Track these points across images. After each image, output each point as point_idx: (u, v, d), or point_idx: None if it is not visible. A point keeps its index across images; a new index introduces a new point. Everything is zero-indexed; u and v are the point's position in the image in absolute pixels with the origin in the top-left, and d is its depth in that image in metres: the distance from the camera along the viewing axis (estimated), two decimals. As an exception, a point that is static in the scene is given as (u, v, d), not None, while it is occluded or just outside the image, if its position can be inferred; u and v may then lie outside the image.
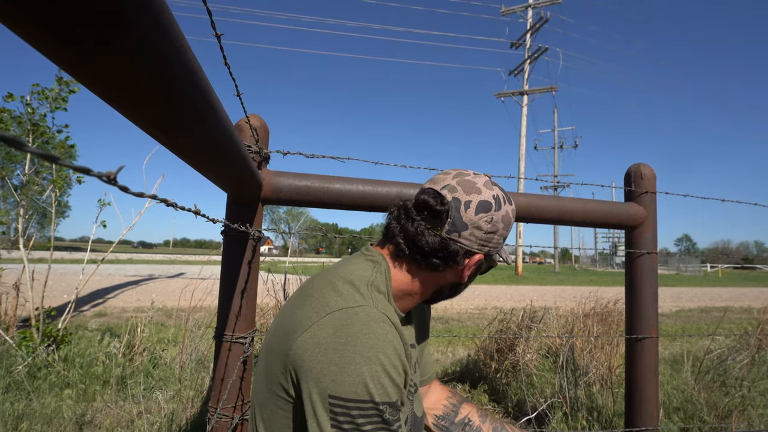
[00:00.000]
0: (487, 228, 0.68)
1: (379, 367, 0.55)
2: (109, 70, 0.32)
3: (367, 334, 0.56)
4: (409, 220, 0.69)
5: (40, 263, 4.35)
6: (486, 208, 0.68)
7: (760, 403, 2.50)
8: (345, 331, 0.56)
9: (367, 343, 0.55)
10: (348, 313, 0.58)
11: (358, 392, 0.53)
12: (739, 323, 6.37)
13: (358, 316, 0.58)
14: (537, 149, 40.47)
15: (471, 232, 0.67)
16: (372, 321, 0.57)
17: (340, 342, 0.55)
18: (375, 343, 0.56)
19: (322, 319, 0.58)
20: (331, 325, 0.57)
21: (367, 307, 0.59)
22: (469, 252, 0.69)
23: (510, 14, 24.61)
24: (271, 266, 3.44)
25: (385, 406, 0.55)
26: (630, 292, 1.64)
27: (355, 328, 0.56)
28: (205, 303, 3.81)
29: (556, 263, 35.93)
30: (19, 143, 0.19)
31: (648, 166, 1.66)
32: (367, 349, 0.55)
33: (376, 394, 0.54)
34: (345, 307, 0.59)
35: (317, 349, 0.56)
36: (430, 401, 0.96)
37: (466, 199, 0.67)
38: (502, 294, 10.62)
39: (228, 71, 0.70)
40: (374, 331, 0.57)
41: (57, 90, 3.40)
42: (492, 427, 0.92)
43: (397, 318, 0.66)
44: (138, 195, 0.35)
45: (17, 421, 2.17)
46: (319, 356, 0.55)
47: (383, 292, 0.68)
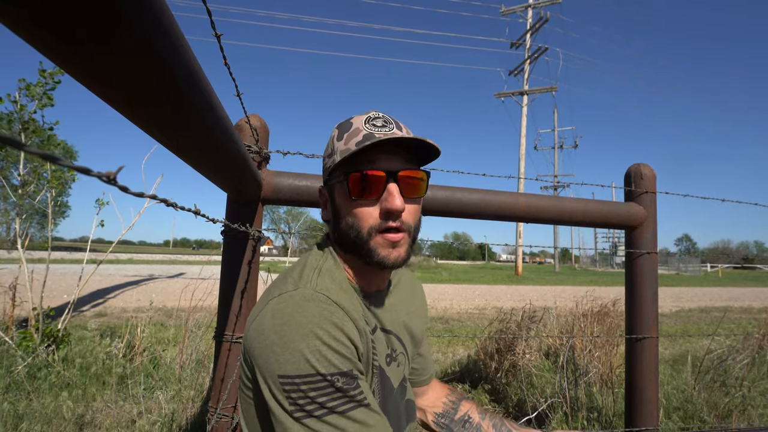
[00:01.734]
0: (328, 150, 0.72)
1: (317, 341, 0.55)
2: (109, 70, 0.32)
3: (301, 313, 0.57)
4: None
5: (40, 263, 4.35)
6: (330, 142, 0.72)
7: (760, 403, 2.50)
8: (281, 314, 0.58)
9: (301, 320, 0.56)
10: (284, 297, 0.60)
11: (302, 368, 0.54)
12: (739, 323, 6.37)
13: (293, 298, 0.59)
14: (537, 149, 40.50)
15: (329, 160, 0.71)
16: (305, 300, 0.59)
17: (278, 323, 0.57)
18: (309, 319, 0.57)
19: (265, 307, 0.60)
20: (270, 310, 0.59)
21: (302, 289, 0.61)
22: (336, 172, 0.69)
23: (510, 14, 24.61)
24: (271, 266, 3.44)
25: (335, 376, 0.55)
26: (630, 292, 1.64)
27: (290, 309, 0.58)
28: (205, 303, 3.81)
29: (556, 263, 35.94)
30: (18, 143, 0.19)
31: (648, 166, 1.66)
32: (302, 326, 0.56)
33: (320, 367, 0.54)
34: (283, 293, 0.61)
35: (261, 336, 0.58)
36: (430, 399, 0.95)
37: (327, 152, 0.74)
38: (502, 294, 10.62)
39: (228, 71, 0.70)
40: (307, 309, 0.58)
41: (42, 84, 3.36)
42: (491, 423, 0.92)
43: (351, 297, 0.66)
44: (138, 195, 0.35)
45: (17, 421, 2.17)
46: (264, 341, 0.57)
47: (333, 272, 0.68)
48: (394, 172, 0.65)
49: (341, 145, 0.67)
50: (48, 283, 3.57)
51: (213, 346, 2.07)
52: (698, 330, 5.76)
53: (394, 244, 0.66)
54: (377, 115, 0.69)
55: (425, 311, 0.93)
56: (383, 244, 0.65)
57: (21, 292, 3.47)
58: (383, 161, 0.65)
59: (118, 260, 20.51)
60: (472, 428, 0.91)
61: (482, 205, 1.41)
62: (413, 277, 0.94)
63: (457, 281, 15.44)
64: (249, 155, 0.90)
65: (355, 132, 0.66)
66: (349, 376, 0.56)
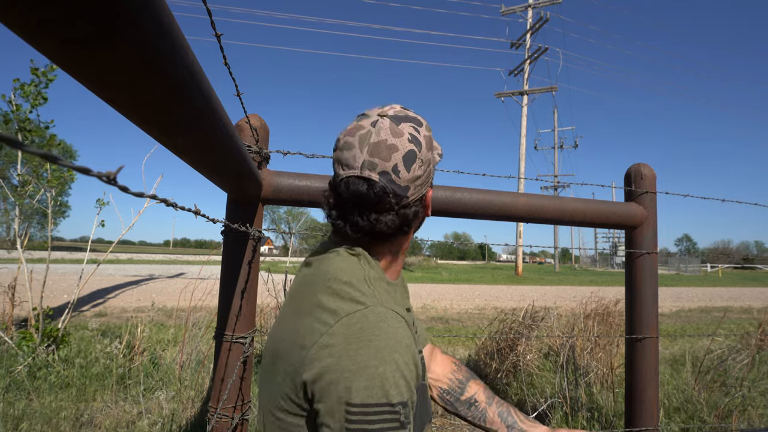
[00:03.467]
0: (423, 169, 0.67)
1: (395, 367, 0.54)
2: (110, 71, 0.32)
3: (379, 336, 0.55)
4: (356, 217, 0.66)
5: (40, 263, 4.34)
6: (412, 158, 0.64)
7: (760, 403, 2.50)
8: (357, 336, 0.55)
9: (380, 344, 0.54)
10: (356, 317, 0.57)
11: (374, 396, 0.52)
12: (739, 323, 6.37)
13: (368, 318, 0.56)
14: (537, 149, 40.48)
15: (414, 186, 0.66)
16: (381, 321, 0.56)
17: (353, 348, 0.54)
18: (387, 343, 0.55)
19: (332, 327, 0.57)
20: (342, 332, 0.56)
21: (374, 307, 0.58)
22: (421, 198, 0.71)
23: (510, 14, 24.60)
24: (271, 266, 3.44)
25: (400, 406, 0.54)
26: (630, 292, 1.64)
27: (367, 331, 0.55)
28: (205, 303, 3.81)
29: (556, 263, 35.93)
30: (18, 143, 0.19)
31: (648, 166, 1.66)
32: (380, 350, 0.54)
33: (393, 395, 0.53)
34: (352, 312, 0.57)
35: (331, 360, 0.54)
36: (435, 372, 0.94)
37: (390, 166, 0.63)
38: (502, 294, 10.62)
39: (228, 71, 0.70)
40: (385, 331, 0.56)
41: (36, 83, 3.36)
42: (498, 411, 0.90)
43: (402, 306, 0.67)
44: (138, 195, 0.35)
45: (17, 421, 2.17)
46: (334, 366, 0.54)
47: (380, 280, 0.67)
48: None
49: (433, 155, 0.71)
50: (48, 283, 3.57)
51: (213, 346, 2.07)
52: (698, 330, 5.76)
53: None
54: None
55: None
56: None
57: (21, 292, 3.47)
58: None
59: (118, 260, 20.51)
60: (477, 412, 0.90)
61: (482, 205, 1.41)
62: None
63: (457, 281, 15.44)
64: (249, 155, 0.90)
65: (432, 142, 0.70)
66: (409, 406, 0.55)
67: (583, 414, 2.42)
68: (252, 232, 1.11)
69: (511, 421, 0.90)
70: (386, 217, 0.65)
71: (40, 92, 3.36)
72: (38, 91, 3.35)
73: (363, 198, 0.64)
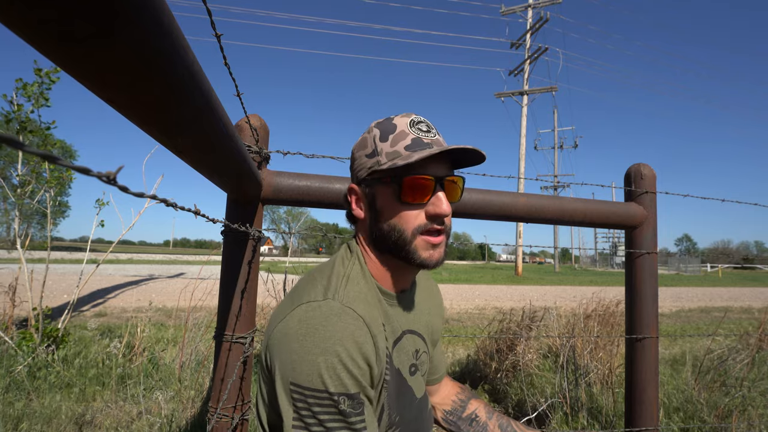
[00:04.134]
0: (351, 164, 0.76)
1: (335, 359, 0.56)
2: (110, 71, 0.32)
3: (326, 327, 0.58)
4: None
5: (40, 263, 4.34)
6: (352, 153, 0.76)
7: (760, 403, 2.50)
8: (306, 323, 0.59)
9: (325, 334, 0.57)
10: (312, 305, 0.60)
11: (313, 382, 0.55)
12: (739, 323, 6.37)
13: (321, 309, 0.60)
14: (537, 149, 40.48)
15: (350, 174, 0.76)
16: (333, 314, 0.59)
17: (301, 332, 0.58)
18: (333, 335, 0.57)
19: (292, 311, 0.61)
20: (297, 317, 0.60)
21: (331, 301, 0.61)
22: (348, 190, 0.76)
23: (510, 14, 24.60)
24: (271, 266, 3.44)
25: (342, 397, 0.56)
26: (630, 292, 1.64)
27: (316, 320, 0.59)
28: (205, 303, 3.81)
29: (556, 263, 35.94)
30: (18, 143, 0.19)
31: (648, 166, 1.65)
32: (324, 340, 0.57)
33: (330, 385, 0.55)
34: (311, 300, 0.61)
35: (284, 339, 0.59)
36: (441, 396, 0.96)
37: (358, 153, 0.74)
38: (502, 294, 10.62)
39: (228, 71, 0.70)
40: (334, 324, 0.58)
41: (38, 83, 3.35)
42: (498, 423, 0.93)
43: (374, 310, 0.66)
44: (138, 195, 0.35)
45: (17, 421, 2.17)
46: (284, 345, 0.58)
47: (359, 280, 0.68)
48: (441, 178, 0.67)
49: (387, 147, 0.67)
50: (48, 283, 3.57)
51: (213, 346, 2.06)
52: (698, 330, 5.76)
53: (435, 246, 0.67)
54: (420, 119, 0.70)
55: (443, 309, 0.95)
56: (424, 246, 0.67)
57: (21, 292, 3.47)
58: (432, 167, 0.67)
59: (118, 260, 20.51)
60: (478, 426, 0.92)
61: (482, 205, 1.41)
62: (429, 275, 0.95)
63: (456, 281, 15.44)
64: (249, 155, 0.90)
65: (401, 135, 0.67)
66: (356, 399, 0.57)
67: (583, 414, 2.42)
68: (252, 232, 1.11)
69: (511, 430, 0.92)
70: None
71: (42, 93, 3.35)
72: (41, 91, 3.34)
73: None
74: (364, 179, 0.70)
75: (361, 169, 0.70)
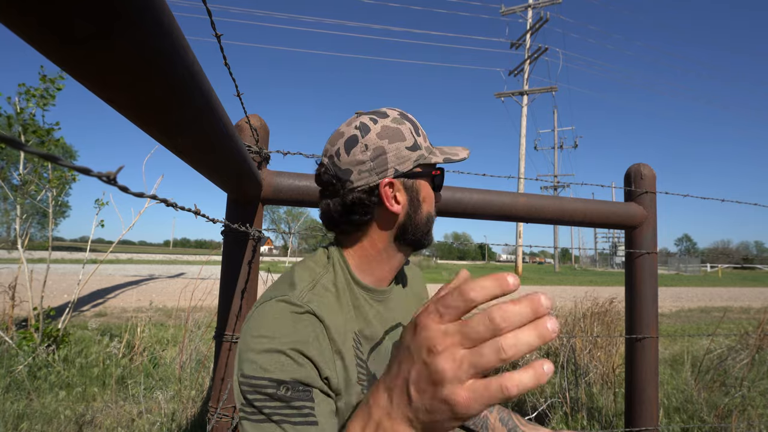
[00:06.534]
0: (370, 155, 0.65)
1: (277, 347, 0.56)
2: (110, 71, 0.32)
3: (278, 320, 0.58)
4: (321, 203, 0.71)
5: (41, 263, 4.34)
6: (353, 142, 0.66)
7: (760, 403, 2.50)
8: (260, 318, 0.59)
9: (274, 326, 0.58)
10: (271, 303, 0.61)
11: (257, 370, 0.56)
12: (738, 323, 6.37)
13: (278, 304, 0.60)
14: (537, 149, 40.48)
15: (357, 171, 0.65)
16: (287, 310, 0.59)
17: (255, 326, 0.59)
18: (281, 326, 0.58)
19: (255, 309, 0.62)
20: (255, 314, 0.61)
21: (288, 297, 0.61)
22: (372, 188, 0.66)
23: (510, 14, 24.60)
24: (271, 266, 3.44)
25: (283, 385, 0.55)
26: (630, 292, 1.64)
27: (269, 315, 0.59)
28: (205, 303, 3.81)
29: (556, 263, 35.96)
30: (18, 143, 0.19)
31: (648, 166, 1.66)
32: (272, 331, 0.57)
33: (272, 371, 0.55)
34: (271, 298, 0.62)
35: (242, 335, 0.60)
36: None
37: (334, 150, 0.67)
38: (502, 294, 10.60)
39: (228, 71, 0.70)
40: (285, 317, 0.59)
41: (42, 89, 3.36)
42: (499, 417, 0.92)
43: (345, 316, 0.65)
44: (138, 195, 0.35)
45: (17, 420, 2.17)
46: (241, 339, 0.60)
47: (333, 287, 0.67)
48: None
49: (423, 141, 0.70)
50: (48, 282, 3.57)
51: (213, 346, 2.07)
52: (698, 330, 5.76)
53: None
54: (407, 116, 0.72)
55: (426, 290, 0.94)
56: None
57: (21, 292, 3.46)
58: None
59: (118, 260, 20.51)
60: (479, 420, 0.91)
61: (482, 205, 1.41)
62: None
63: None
64: (249, 155, 0.90)
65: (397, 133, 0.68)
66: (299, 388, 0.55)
67: (583, 414, 2.42)
68: (252, 232, 1.11)
69: (512, 425, 0.91)
70: (333, 200, 0.68)
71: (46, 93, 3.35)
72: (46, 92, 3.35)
73: (318, 181, 0.71)
74: (407, 172, 0.68)
75: (404, 161, 0.67)
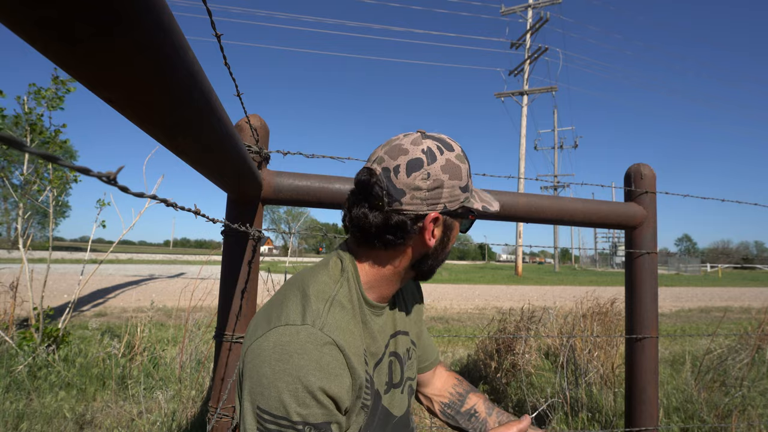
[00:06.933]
0: (428, 185, 0.64)
1: (303, 388, 0.55)
2: (110, 72, 0.32)
3: (302, 354, 0.56)
4: (354, 206, 0.68)
5: (41, 263, 4.34)
6: (417, 165, 0.64)
7: (760, 403, 2.50)
8: (281, 348, 0.57)
9: (299, 363, 0.56)
10: (290, 330, 0.58)
11: (278, 408, 0.55)
12: (738, 323, 6.36)
13: (299, 335, 0.58)
14: (537, 149, 40.48)
15: (411, 196, 0.64)
16: (310, 342, 0.58)
17: (275, 357, 0.56)
18: (307, 363, 0.56)
19: (269, 331, 0.59)
20: (272, 340, 0.58)
21: (310, 328, 0.59)
22: (419, 216, 0.66)
23: (510, 14, 24.60)
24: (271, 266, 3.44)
25: (307, 427, 0.56)
26: (630, 292, 1.64)
27: (291, 347, 0.57)
28: (205, 303, 3.81)
29: (556, 263, 35.95)
30: (19, 143, 0.19)
31: (648, 167, 1.66)
32: (297, 369, 0.56)
33: (294, 413, 0.55)
34: (290, 324, 0.59)
35: (256, 361, 0.58)
36: (436, 387, 0.95)
37: (393, 164, 0.65)
38: (502, 294, 10.62)
39: (228, 71, 0.70)
40: (310, 353, 0.57)
41: (53, 90, 3.38)
42: (498, 420, 0.91)
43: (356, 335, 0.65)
44: (138, 195, 0.35)
45: (17, 420, 2.17)
46: (256, 368, 0.57)
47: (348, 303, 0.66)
48: None
49: (454, 181, 0.68)
50: (48, 283, 3.57)
51: (213, 346, 2.06)
52: (698, 330, 5.76)
53: None
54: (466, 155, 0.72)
55: (421, 294, 0.94)
56: None
57: (22, 292, 3.47)
58: None
59: (118, 260, 20.51)
60: (477, 422, 0.90)
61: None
62: None
63: (457, 281, 15.44)
64: (249, 155, 0.90)
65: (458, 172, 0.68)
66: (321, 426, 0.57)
67: (583, 414, 2.42)
68: (252, 232, 1.11)
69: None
70: (374, 213, 0.66)
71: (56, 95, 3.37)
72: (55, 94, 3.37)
73: (362, 186, 0.68)
74: (452, 211, 0.69)
75: (454, 200, 0.68)
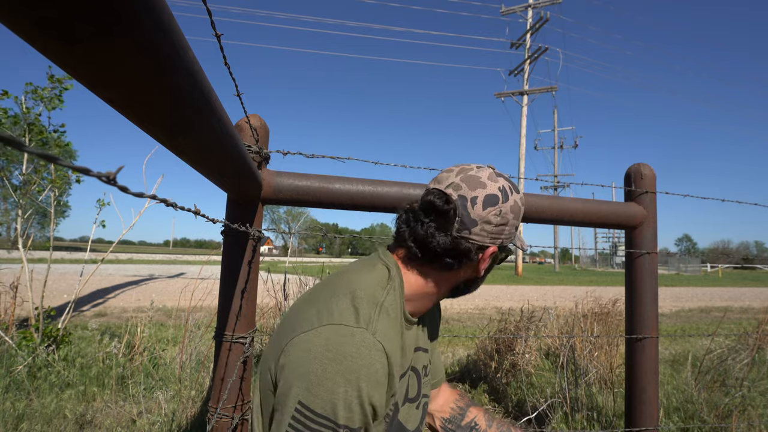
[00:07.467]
0: (497, 221, 0.68)
1: (355, 393, 0.55)
2: (110, 72, 0.32)
3: (356, 358, 0.56)
4: (417, 223, 0.70)
5: (41, 263, 4.34)
6: (493, 201, 0.67)
7: (760, 403, 2.50)
8: (336, 348, 0.57)
9: (353, 366, 0.56)
10: (345, 330, 0.58)
11: (324, 408, 0.54)
12: (739, 323, 6.36)
13: (354, 337, 0.58)
14: (537, 149, 40.47)
15: (481, 228, 0.67)
16: (364, 347, 0.58)
17: (328, 356, 0.56)
18: (360, 368, 0.56)
19: (320, 327, 0.59)
20: (325, 337, 0.58)
21: (365, 332, 0.59)
22: (482, 247, 0.69)
23: (510, 14, 24.60)
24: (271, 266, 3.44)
25: (347, 430, 0.56)
26: (630, 292, 1.64)
27: (346, 348, 0.57)
28: (205, 303, 3.81)
29: (556, 263, 35.94)
30: (18, 143, 0.19)
31: (648, 166, 1.65)
32: (350, 372, 0.55)
33: (341, 417, 0.55)
34: (344, 324, 0.59)
35: (305, 355, 0.57)
36: (438, 404, 0.96)
37: (471, 195, 0.67)
38: (502, 294, 10.62)
39: (228, 71, 0.70)
40: (364, 357, 0.57)
41: (50, 89, 3.37)
42: (498, 431, 0.92)
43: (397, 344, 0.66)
44: (138, 195, 0.35)
45: (17, 420, 2.17)
46: (304, 362, 0.56)
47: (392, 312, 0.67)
48: None
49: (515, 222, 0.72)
50: (48, 283, 3.57)
51: (213, 346, 2.07)
52: (698, 330, 5.76)
53: None
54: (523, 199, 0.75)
55: (440, 314, 0.95)
56: None
57: (21, 292, 3.47)
58: None
59: (118, 260, 20.51)
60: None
61: (482, 205, 1.41)
62: None
63: (457, 281, 15.39)
64: (249, 155, 0.90)
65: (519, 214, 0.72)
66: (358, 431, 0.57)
67: (583, 414, 2.42)
68: (252, 232, 1.11)
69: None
70: (442, 236, 0.68)
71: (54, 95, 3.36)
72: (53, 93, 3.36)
73: (434, 208, 0.69)
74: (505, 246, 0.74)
75: (508, 238, 0.72)
